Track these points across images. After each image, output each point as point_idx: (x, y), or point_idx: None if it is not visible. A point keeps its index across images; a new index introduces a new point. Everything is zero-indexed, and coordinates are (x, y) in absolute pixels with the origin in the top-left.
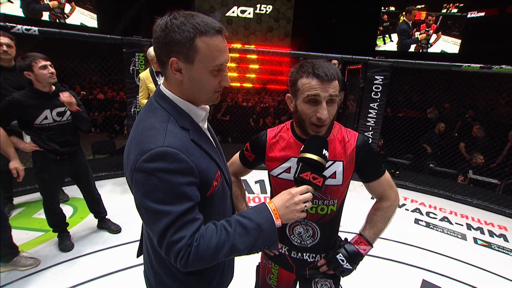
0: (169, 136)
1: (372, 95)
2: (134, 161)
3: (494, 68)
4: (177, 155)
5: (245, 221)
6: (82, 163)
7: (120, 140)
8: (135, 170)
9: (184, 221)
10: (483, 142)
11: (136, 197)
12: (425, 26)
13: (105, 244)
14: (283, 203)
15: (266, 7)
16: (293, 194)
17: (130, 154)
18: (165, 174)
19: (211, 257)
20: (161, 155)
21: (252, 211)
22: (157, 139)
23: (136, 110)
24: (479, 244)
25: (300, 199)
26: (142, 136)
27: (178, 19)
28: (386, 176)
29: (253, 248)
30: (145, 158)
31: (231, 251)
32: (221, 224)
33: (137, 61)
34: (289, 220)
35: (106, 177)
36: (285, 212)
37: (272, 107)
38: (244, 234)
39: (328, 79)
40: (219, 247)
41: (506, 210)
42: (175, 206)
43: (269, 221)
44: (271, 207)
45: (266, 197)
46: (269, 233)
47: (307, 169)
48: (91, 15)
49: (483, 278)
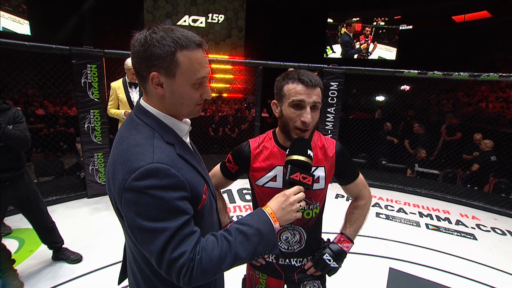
0: (157, 152)
1: (329, 100)
2: (122, 180)
3: (429, 74)
4: (168, 170)
5: (245, 228)
6: (30, 189)
7: (69, 158)
8: (124, 190)
9: (182, 235)
10: (424, 138)
11: (128, 218)
12: (363, 37)
13: (64, 277)
14: (279, 205)
15: (218, 16)
16: (287, 195)
17: (117, 174)
18: (157, 191)
19: (215, 269)
20: (151, 171)
21: (249, 217)
22: (145, 156)
23: (91, 125)
24: (431, 229)
25: (295, 199)
26: (128, 154)
27: (158, 33)
28: (361, 177)
29: (255, 254)
30: (135, 177)
31: (234, 260)
32: (220, 234)
33: (89, 73)
34: (287, 221)
35: (58, 201)
36: (282, 214)
37: (231, 116)
38: (245, 241)
39: (312, 84)
40: (222, 257)
41: (447, 196)
42: (170, 222)
43: (268, 225)
44: (268, 211)
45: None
46: (269, 237)
47: (296, 170)
48: (18, 20)
49: (438, 258)
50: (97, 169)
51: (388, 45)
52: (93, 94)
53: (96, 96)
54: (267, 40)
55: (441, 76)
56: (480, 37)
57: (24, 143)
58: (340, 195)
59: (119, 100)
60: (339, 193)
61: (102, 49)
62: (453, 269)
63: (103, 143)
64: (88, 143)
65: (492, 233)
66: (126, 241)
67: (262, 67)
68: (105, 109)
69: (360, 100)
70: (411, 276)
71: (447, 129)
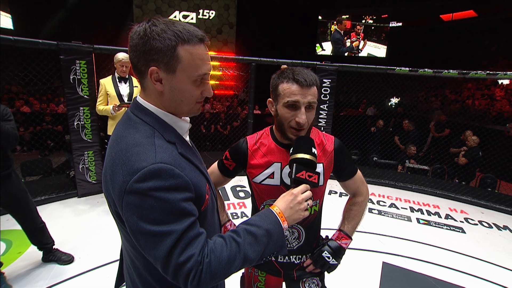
0: (159, 152)
1: (322, 97)
2: (123, 182)
3: (420, 71)
4: (171, 170)
5: (254, 229)
6: (18, 189)
7: (57, 157)
8: (125, 192)
9: (188, 238)
10: (414, 134)
11: (130, 222)
12: (355, 35)
13: (55, 278)
14: (287, 204)
15: (209, 12)
16: (295, 194)
17: (116, 176)
18: (161, 193)
19: (224, 271)
20: (155, 172)
21: (257, 217)
22: (147, 156)
23: (80, 123)
24: (422, 224)
25: (303, 197)
26: (128, 154)
27: (158, 26)
28: (359, 173)
29: (263, 255)
30: (137, 178)
31: (243, 262)
32: (228, 235)
33: (79, 69)
34: (295, 221)
35: (47, 201)
36: (291, 213)
37: (223, 113)
38: (254, 242)
39: (307, 84)
40: (231, 260)
41: (436, 191)
42: (176, 224)
43: (277, 225)
44: (276, 210)
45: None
46: (278, 238)
47: (301, 169)
48: (0, 13)
49: (429, 251)
50: (87, 168)
51: (377, 42)
52: (82, 91)
53: (86, 93)
54: (258, 37)
55: (431, 73)
56: (466, 35)
57: (14, 140)
58: (333, 191)
59: (108, 95)
60: (332, 189)
61: (92, 45)
62: (444, 262)
63: (93, 141)
64: (78, 141)
65: (480, 226)
66: (123, 245)
67: (255, 63)
68: (94, 106)
69: (351, 97)
70: (403, 270)
71: (435, 126)
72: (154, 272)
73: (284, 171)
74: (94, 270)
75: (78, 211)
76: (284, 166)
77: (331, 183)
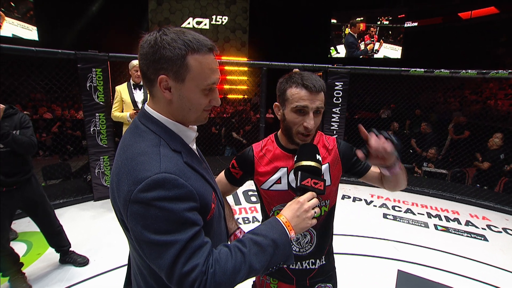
0: (164, 161)
1: (334, 100)
2: (128, 192)
3: (436, 72)
4: (175, 180)
5: (259, 239)
6: (37, 193)
7: (75, 162)
8: (130, 202)
9: (193, 247)
10: (431, 137)
11: (135, 232)
12: (369, 37)
13: (71, 280)
14: (294, 213)
15: (222, 18)
16: (301, 202)
17: (122, 185)
18: (165, 203)
19: (229, 282)
20: (159, 182)
21: (264, 227)
22: (152, 165)
23: (96, 129)
24: (440, 230)
25: (309, 205)
26: (133, 163)
27: (169, 35)
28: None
29: (269, 265)
30: (142, 188)
31: (248, 272)
32: (234, 245)
33: (95, 77)
34: (302, 230)
35: (64, 204)
36: (297, 222)
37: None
38: (260, 252)
39: (316, 90)
40: (236, 270)
41: (456, 196)
42: (180, 234)
43: (284, 235)
44: (282, 219)
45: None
46: (284, 248)
47: (306, 176)
48: (26, 27)
49: (447, 260)
50: (103, 172)
51: (393, 44)
52: (98, 97)
53: (102, 99)
54: (271, 41)
55: (448, 74)
56: (487, 33)
57: (30, 148)
58: (347, 196)
59: (123, 102)
60: (345, 194)
61: (107, 53)
62: (463, 271)
63: (108, 146)
64: (94, 146)
65: (504, 234)
66: (130, 252)
67: (267, 68)
68: (110, 112)
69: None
70: (420, 279)
71: (454, 128)
72: (160, 280)
73: (290, 175)
74: (107, 272)
75: (93, 214)
76: (290, 170)
77: (344, 187)
